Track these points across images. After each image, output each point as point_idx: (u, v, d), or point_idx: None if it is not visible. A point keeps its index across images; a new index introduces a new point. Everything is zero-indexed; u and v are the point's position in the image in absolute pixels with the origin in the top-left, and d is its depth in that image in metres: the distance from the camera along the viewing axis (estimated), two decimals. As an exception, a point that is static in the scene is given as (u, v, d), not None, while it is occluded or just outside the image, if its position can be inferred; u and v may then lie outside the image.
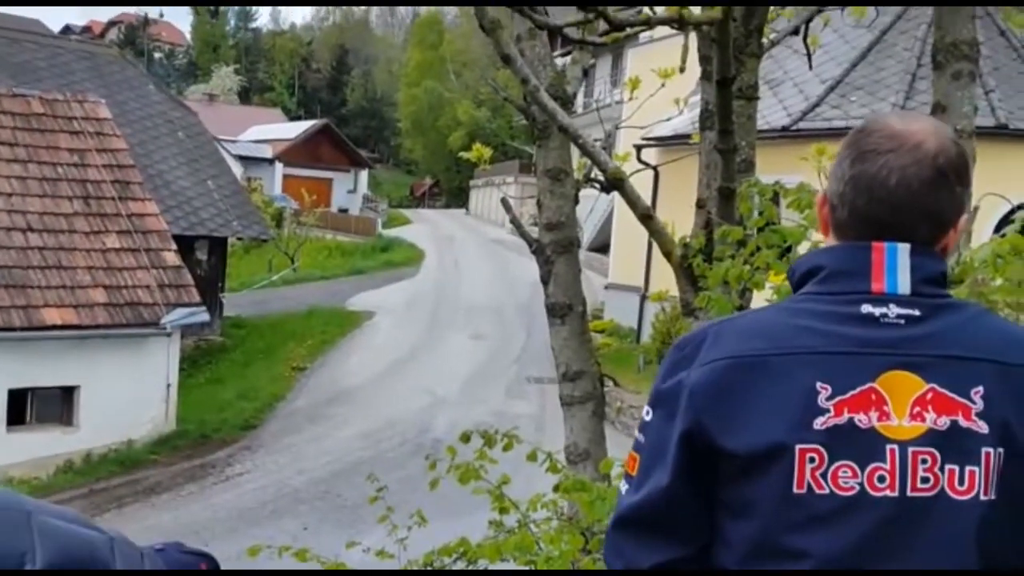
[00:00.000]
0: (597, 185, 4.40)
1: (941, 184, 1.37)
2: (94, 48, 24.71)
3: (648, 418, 1.46)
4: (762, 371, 1.35)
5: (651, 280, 19.65)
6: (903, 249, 1.36)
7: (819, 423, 1.31)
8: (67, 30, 64.86)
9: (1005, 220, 2.79)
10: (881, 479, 1.29)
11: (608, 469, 3.23)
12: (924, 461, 1.29)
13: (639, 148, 15.17)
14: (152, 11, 75.57)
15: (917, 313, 1.35)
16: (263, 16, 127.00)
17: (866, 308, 1.35)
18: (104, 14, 79.13)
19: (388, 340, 22.41)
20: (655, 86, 4.50)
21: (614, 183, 3.74)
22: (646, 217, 3.75)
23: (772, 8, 4.58)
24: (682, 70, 4.62)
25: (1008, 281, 2.40)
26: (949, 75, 3.50)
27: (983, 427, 1.30)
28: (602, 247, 27.01)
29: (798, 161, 4.35)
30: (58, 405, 14.29)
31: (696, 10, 3.30)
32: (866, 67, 16.36)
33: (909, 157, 1.36)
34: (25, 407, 13.86)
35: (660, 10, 3.29)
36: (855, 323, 1.35)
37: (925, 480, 1.29)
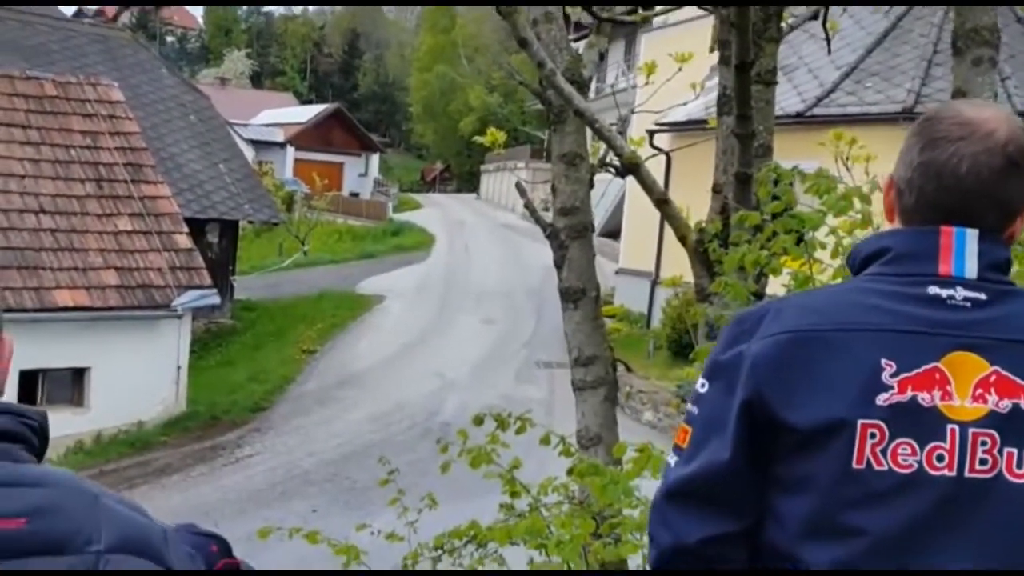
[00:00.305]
0: (612, 170, 4.38)
1: (1011, 172, 1.37)
2: (107, 31, 24.74)
3: (703, 390, 1.46)
4: (824, 346, 1.35)
5: (662, 265, 19.62)
6: (972, 234, 1.37)
7: (882, 399, 1.31)
8: (80, 13, 64.85)
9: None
10: (940, 458, 1.29)
11: (621, 453, 3.22)
12: (984, 443, 1.29)
13: (652, 133, 15.13)
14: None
15: (983, 297, 1.35)
16: None
17: (933, 289, 1.36)
18: None
19: (398, 324, 22.44)
20: (669, 71, 4.46)
21: (630, 168, 3.72)
22: (662, 202, 3.74)
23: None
24: (712, 50, 4.57)
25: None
26: (969, 61, 3.46)
27: None
28: (613, 232, 26.94)
29: (813, 147, 4.32)
30: (69, 386, 14.37)
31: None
32: (882, 53, 16.23)
33: (980, 145, 1.36)
34: (36, 388, 13.92)
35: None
36: (922, 304, 1.35)
37: (983, 462, 1.29)
